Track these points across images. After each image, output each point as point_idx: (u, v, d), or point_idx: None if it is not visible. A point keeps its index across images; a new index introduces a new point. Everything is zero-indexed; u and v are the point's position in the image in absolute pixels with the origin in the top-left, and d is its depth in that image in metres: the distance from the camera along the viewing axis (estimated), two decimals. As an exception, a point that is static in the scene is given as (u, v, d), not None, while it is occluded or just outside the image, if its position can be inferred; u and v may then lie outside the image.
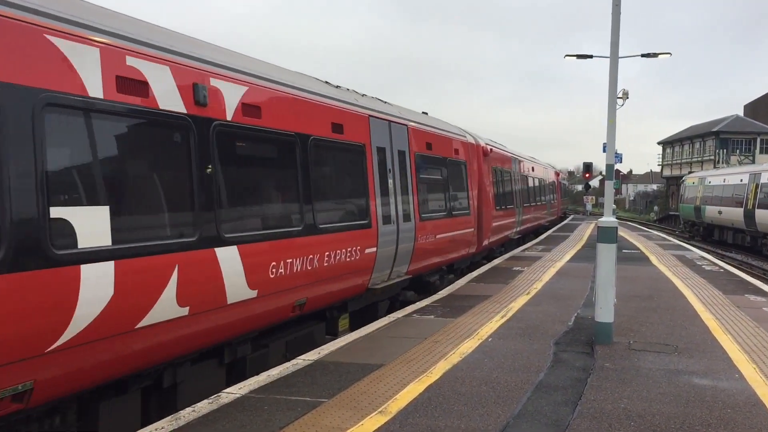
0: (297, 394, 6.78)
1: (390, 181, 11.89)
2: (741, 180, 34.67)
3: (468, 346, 8.85)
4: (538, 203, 32.07)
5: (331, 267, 9.43)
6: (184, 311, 6.52)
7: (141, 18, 6.99)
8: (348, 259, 9.96)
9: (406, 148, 12.94)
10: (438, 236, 14.21)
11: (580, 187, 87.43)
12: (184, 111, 6.67)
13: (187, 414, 6.19)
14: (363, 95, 11.99)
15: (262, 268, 7.77)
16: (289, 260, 8.27)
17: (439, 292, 13.67)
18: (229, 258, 7.14)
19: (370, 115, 11.32)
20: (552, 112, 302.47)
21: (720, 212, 37.82)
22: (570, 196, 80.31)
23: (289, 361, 8.23)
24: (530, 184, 29.42)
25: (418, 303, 12.38)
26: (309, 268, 8.80)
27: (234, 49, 8.78)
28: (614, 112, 9.82)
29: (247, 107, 7.71)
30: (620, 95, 30.23)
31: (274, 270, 7.98)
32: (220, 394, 6.82)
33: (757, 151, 61.74)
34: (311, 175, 9.04)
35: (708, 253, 27.04)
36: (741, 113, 71.52)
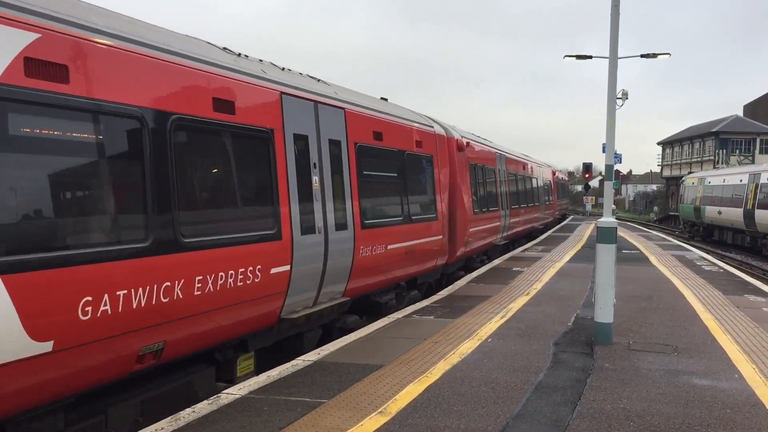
0: (297, 394, 6.78)
1: (314, 178, 9.30)
2: (741, 180, 34.69)
3: (467, 346, 8.85)
4: (530, 205, 29.55)
5: (208, 296, 6.90)
6: None
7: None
8: (240, 284, 7.40)
9: (343, 137, 10.31)
10: (390, 247, 11.65)
11: (579, 188, 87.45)
12: None
13: (187, 415, 6.19)
14: (284, 69, 9.61)
15: (60, 307, 5.29)
16: (121, 292, 5.80)
17: (439, 293, 13.66)
18: None
19: (282, 92, 8.69)
20: (553, 112, 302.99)
21: (720, 212, 37.84)
22: (570, 197, 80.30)
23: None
24: (520, 183, 27.28)
25: (417, 303, 12.38)
26: (165, 299, 6.30)
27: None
28: (614, 113, 9.83)
29: (36, 64, 5.27)
30: (620, 96, 30.27)
31: (89, 309, 5.50)
32: (219, 395, 6.82)
33: (757, 151, 61.77)
34: (171, 170, 6.51)
35: (708, 253, 27.06)
36: (741, 113, 71.56)
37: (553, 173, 45.11)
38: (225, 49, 8.37)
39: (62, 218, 5.53)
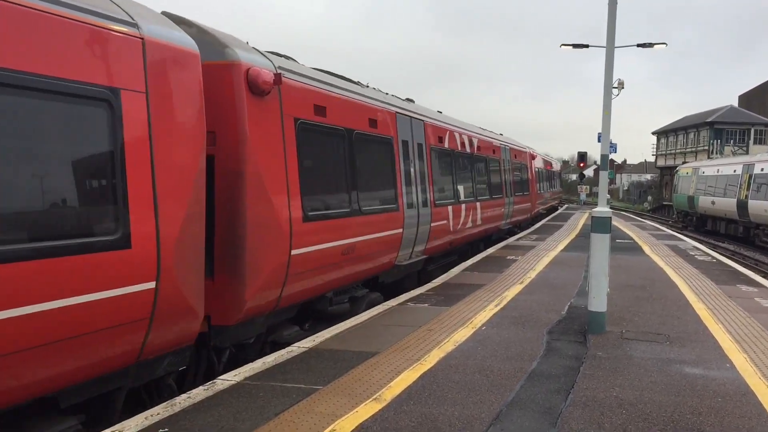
0: (292, 381, 6.82)
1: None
2: (734, 171, 34.80)
3: (462, 334, 8.90)
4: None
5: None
6: None
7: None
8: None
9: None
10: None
11: (574, 177, 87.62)
12: None
13: (183, 400, 6.22)
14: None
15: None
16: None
17: (433, 281, 13.71)
18: None
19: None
20: (558, 108, 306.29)
21: (713, 203, 37.99)
22: (564, 186, 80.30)
23: None
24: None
25: (412, 291, 12.42)
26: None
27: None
28: (610, 102, 9.82)
29: None
30: (615, 85, 30.20)
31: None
32: (215, 380, 6.85)
33: (751, 141, 61.87)
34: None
35: (701, 243, 27.18)
36: (735, 104, 71.63)
37: (531, 156, 32.49)
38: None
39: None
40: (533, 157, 32.38)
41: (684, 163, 57.10)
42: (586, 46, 29.17)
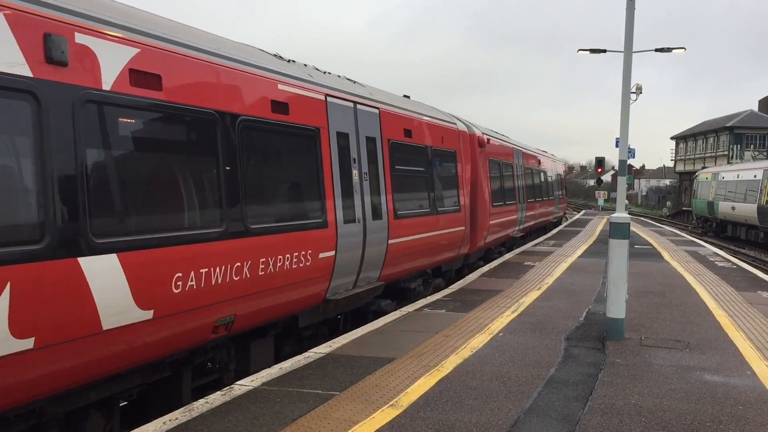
0: (309, 386, 6.83)
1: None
2: (755, 176, 34.40)
3: (479, 340, 8.87)
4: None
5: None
6: None
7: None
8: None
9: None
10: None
11: (592, 182, 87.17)
12: None
13: (201, 405, 6.26)
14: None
15: None
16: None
17: (450, 287, 13.68)
18: None
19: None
20: (577, 114, 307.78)
21: (733, 208, 37.57)
22: (582, 191, 79.85)
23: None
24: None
25: (429, 297, 12.40)
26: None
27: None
28: (628, 108, 9.78)
29: None
30: (633, 90, 30.02)
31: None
32: (233, 386, 6.89)
33: (772, 146, 61.14)
34: None
35: (721, 249, 26.88)
36: (756, 108, 70.83)
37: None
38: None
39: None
40: (481, 143, 17.66)
41: (703, 168, 56.55)
42: (604, 51, 29.03)
